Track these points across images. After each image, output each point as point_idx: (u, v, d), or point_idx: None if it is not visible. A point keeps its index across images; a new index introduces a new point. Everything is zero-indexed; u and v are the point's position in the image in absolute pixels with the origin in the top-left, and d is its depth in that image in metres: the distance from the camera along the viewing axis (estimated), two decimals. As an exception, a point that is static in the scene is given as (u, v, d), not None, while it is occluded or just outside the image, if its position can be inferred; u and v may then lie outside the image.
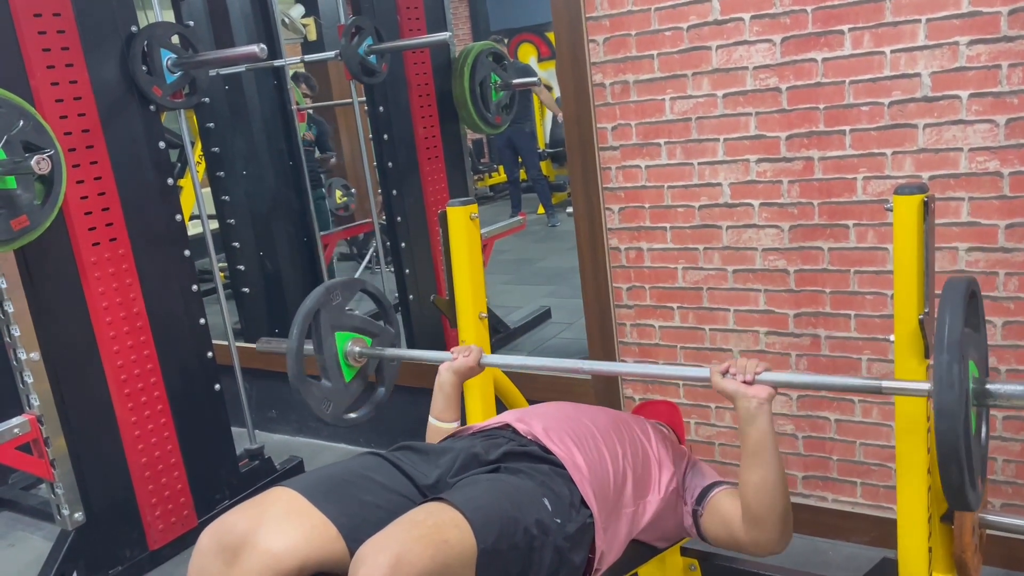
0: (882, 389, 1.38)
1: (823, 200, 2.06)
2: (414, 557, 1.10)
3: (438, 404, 1.80)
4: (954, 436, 1.18)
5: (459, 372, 1.79)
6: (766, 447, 1.42)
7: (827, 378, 1.58)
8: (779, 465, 1.45)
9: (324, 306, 1.90)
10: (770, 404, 1.42)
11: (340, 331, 1.94)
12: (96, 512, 2.40)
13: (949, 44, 1.84)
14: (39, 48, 2.21)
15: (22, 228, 2.04)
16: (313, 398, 1.87)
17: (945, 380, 1.18)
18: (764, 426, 1.42)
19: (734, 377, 1.44)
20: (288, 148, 3.90)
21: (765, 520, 1.46)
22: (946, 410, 1.18)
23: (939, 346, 1.20)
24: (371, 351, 1.96)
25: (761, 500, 1.44)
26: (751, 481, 1.45)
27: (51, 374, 2.28)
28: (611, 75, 2.26)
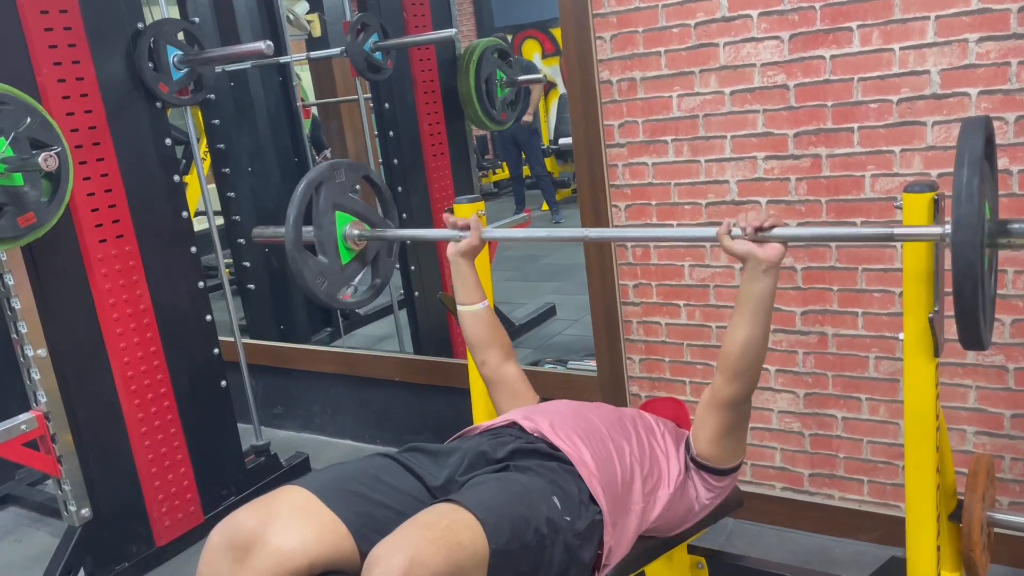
0: (894, 236, 1.35)
1: (831, 198, 2.05)
2: (428, 559, 1.10)
3: (458, 289, 1.81)
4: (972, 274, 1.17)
5: (465, 252, 1.80)
6: (765, 306, 1.42)
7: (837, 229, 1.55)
8: (769, 324, 1.44)
9: (327, 181, 1.88)
10: (779, 265, 1.41)
11: (341, 211, 1.92)
12: (103, 508, 2.41)
13: (958, 41, 1.83)
14: (45, 45, 2.21)
15: (29, 225, 2.04)
16: (309, 270, 1.84)
17: (964, 220, 1.16)
18: (770, 286, 1.41)
19: (743, 232, 1.41)
20: (293, 144, 3.90)
21: (746, 373, 1.46)
22: (965, 249, 1.17)
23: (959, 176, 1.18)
24: (371, 233, 1.94)
25: (748, 355, 1.44)
26: (741, 337, 1.43)
27: (58, 370, 2.29)
28: (618, 72, 2.25)
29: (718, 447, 1.56)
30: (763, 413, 2.29)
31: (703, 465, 1.59)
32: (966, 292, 1.20)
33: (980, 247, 1.18)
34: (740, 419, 1.54)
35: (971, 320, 1.23)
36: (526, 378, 1.80)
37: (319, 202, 1.87)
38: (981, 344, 1.27)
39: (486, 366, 1.80)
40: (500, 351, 1.79)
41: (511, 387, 1.78)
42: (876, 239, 1.45)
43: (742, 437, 1.59)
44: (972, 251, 1.18)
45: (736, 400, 1.49)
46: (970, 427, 2.03)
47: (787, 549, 2.26)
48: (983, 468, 1.70)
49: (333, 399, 3.39)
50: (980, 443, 2.03)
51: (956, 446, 2.03)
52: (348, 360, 3.34)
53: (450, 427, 1.73)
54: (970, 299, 1.20)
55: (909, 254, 1.39)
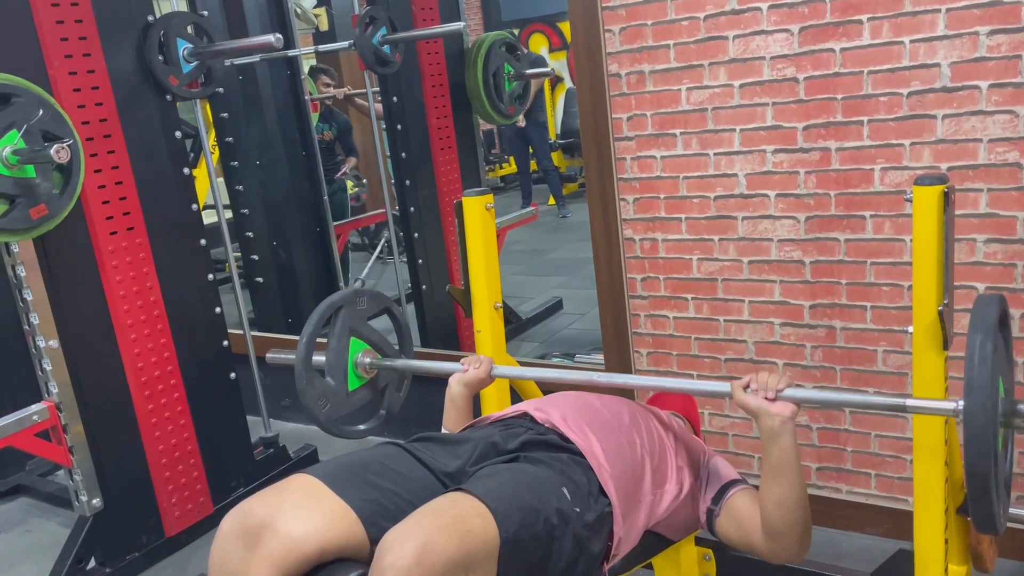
0: (906, 407, 1.36)
1: (840, 191, 2.05)
2: (439, 546, 1.11)
3: (450, 417, 1.77)
4: (985, 462, 1.16)
5: (470, 385, 1.77)
6: (789, 465, 1.41)
7: (850, 396, 1.57)
8: (801, 482, 1.43)
9: (348, 305, 1.89)
10: (793, 421, 1.40)
11: (356, 337, 1.92)
12: (113, 498, 2.42)
13: (969, 34, 1.83)
14: (57, 38, 2.22)
15: (41, 217, 2.05)
16: (314, 390, 1.82)
17: (977, 405, 1.16)
18: (787, 444, 1.40)
19: (755, 393, 1.42)
20: (302, 138, 3.91)
21: (785, 535, 1.45)
22: (978, 436, 1.16)
23: (969, 366, 1.18)
24: (382, 362, 1.93)
25: (782, 515, 1.44)
26: (772, 497, 1.44)
27: (69, 362, 2.30)
28: (627, 65, 2.25)
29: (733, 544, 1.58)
30: (771, 406, 2.29)
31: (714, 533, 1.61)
32: (978, 476, 1.17)
33: (994, 431, 1.17)
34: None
35: (984, 504, 1.20)
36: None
37: (336, 326, 1.87)
38: (996, 529, 1.24)
39: None
40: None
41: None
42: (889, 409, 1.43)
43: None
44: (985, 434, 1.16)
45: (772, 559, 1.49)
46: (978, 421, 2.03)
47: (794, 542, 2.27)
48: (991, 461, 1.70)
49: (341, 392, 3.39)
50: (988, 437, 2.03)
51: (964, 440, 2.03)
52: (356, 353, 3.35)
53: (459, 419, 1.74)
54: (983, 483, 1.17)
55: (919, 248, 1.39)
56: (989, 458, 1.16)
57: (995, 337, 1.22)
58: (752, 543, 1.51)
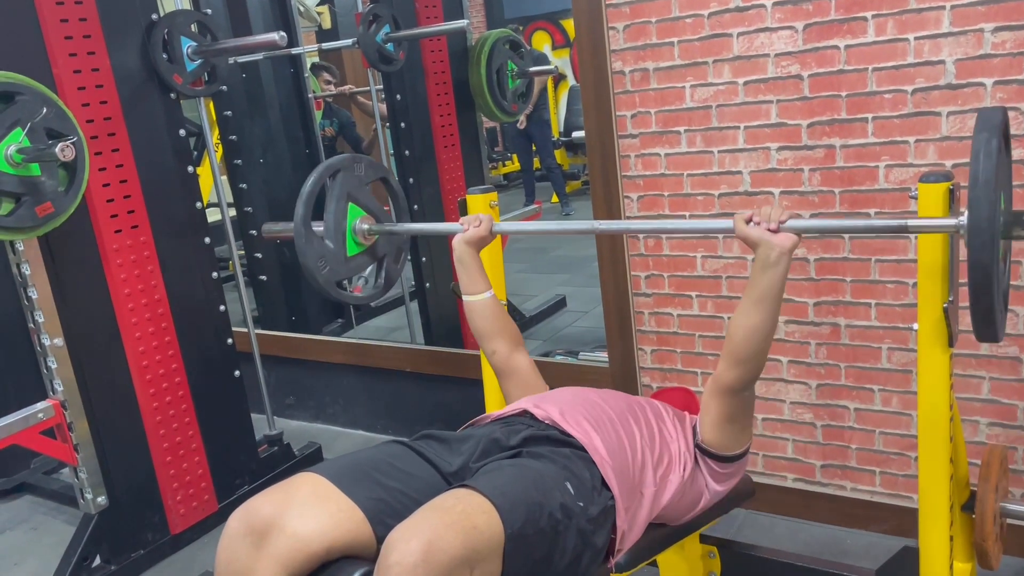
0: (908, 228, 1.35)
1: (844, 188, 2.05)
2: (445, 543, 1.12)
3: (464, 280, 1.80)
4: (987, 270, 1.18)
5: (473, 242, 1.79)
6: (775, 294, 1.43)
7: (850, 222, 1.56)
8: (777, 313, 1.45)
9: (346, 170, 1.87)
10: (791, 254, 1.42)
11: (354, 203, 1.91)
12: (118, 496, 2.43)
13: (974, 31, 1.83)
14: (61, 36, 2.22)
15: (46, 215, 2.06)
16: (313, 250, 1.82)
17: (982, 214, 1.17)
18: (779, 273, 1.42)
19: (758, 225, 1.43)
20: (305, 136, 3.91)
21: (751, 359, 1.46)
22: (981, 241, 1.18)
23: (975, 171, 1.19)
24: (380, 227, 1.93)
25: (753, 342, 1.44)
26: (748, 324, 1.44)
27: (74, 360, 2.31)
28: (631, 63, 2.25)
29: (722, 433, 1.57)
30: (775, 404, 2.29)
31: (708, 452, 1.59)
32: (981, 285, 1.20)
33: (995, 239, 1.18)
34: (743, 406, 1.55)
35: (986, 313, 1.23)
36: (536, 368, 1.81)
37: (335, 189, 1.86)
38: (996, 337, 1.27)
39: (496, 356, 1.80)
40: (509, 340, 1.79)
41: (522, 377, 1.78)
42: (890, 231, 1.45)
43: (747, 424, 1.59)
44: (987, 243, 1.18)
45: (738, 386, 1.50)
46: (983, 418, 2.03)
47: (799, 540, 2.27)
48: (996, 459, 1.70)
49: (345, 389, 3.40)
50: (993, 434, 2.03)
51: (969, 437, 2.03)
52: (359, 351, 3.36)
53: (461, 417, 1.74)
54: (985, 292, 1.20)
55: (924, 246, 1.39)
56: (991, 268, 1.18)
57: (999, 141, 1.22)
58: (715, 386, 1.53)
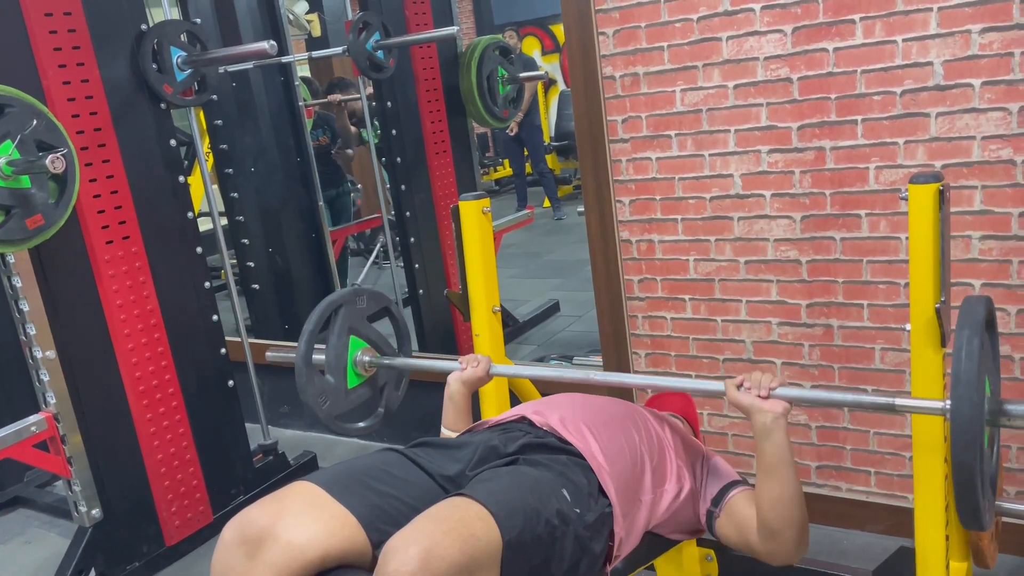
0: (895, 407, 1.37)
1: (835, 190, 2.06)
2: (443, 551, 1.11)
3: (449, 415, 1.79)
4: (971, 462, 1.18)
5: (468, 383, 1.79)
6: (783, 462, 1.42)
7: (841, 395, 1.59)
8: (796, 479, 1.44)
9: (348, 304, 1.90)
10: (785, 419, 1.42)
11: (356, 336, 1.93)
12: (113, 508, 2.42)
13: (961, 32, 1.84)
14: (50, 48, 2.22)
15: (37, 227, 2.05)
16: (314, 387, 1.84)
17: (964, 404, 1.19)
18: (780, 440, 1.41)
19: (748, 391, 1.43)
20: (297, 144, 3.91)
21: (781, 533, 1.45)
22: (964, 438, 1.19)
23: (956, 370, 1.21)
24: (380, 360, 1.95)
25: (778, 514, 1.44)
26: (767, 495, 1.44)
27: (67, 372, 2.30)
28: (621, 68, 2.26)
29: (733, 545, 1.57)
30: (769, 406, 2.30)
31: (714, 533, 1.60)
32: (965, 474, 1.20)
33: (980, 429, 1.19)
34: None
35: (973, 509, 1.23)
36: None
37: (336, 324, 1.89)
38: (982, 526, 1.27)
39: None
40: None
41: None
42: (878, 408, 1.45)
43: None
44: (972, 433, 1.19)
45: (770, 560, 1.49)
46: (977, 417, 2.03)
47: (795, 541, 2.27)
48: (991, 458, 1.70)
49: (339, 398, 3.39)
50: (987, 433, 2.04)
51: (963, 436, 2.03)
52: (354, 359, 3.34)
53: (459, 423, 1.74)
54: (969, 480, 1.20)
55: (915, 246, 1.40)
56: (975, 456, 1.19)
57: (981, 337, 1.23)
58: (750, 544, 1.51)
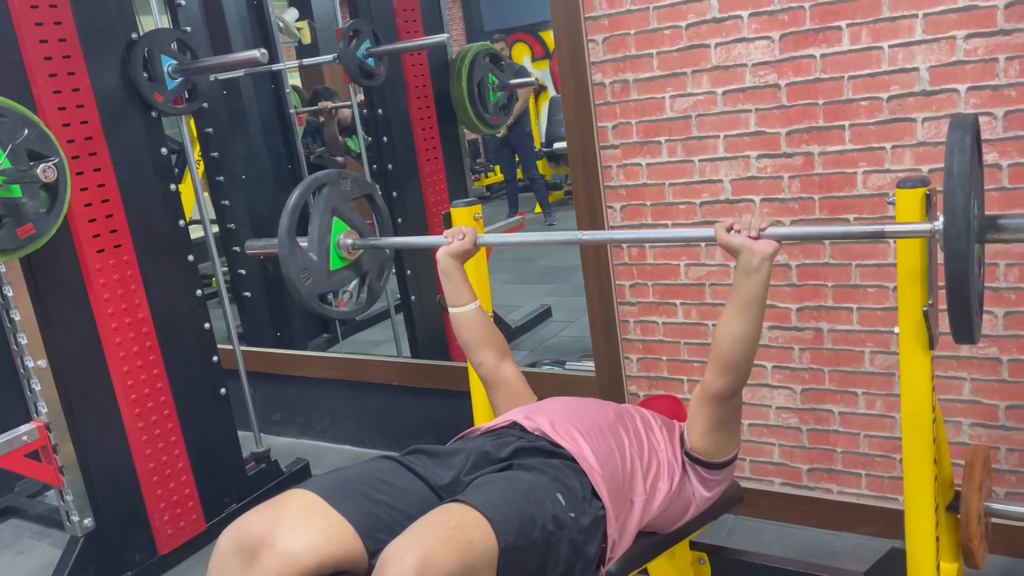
0: (885, 233, 1.38)
1: (824, 195, 2.08)
2: (440, 558, 1.12)
3: (449, 292, 1.80)
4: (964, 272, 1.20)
5: (457, 254, 1.79)
6: (758, 300, 1.44)
7: (829, 228, 1.58)
8: (762, 319, 1.46)
9: (332, 184, 1.87)
10: (772, 260, 1.43)
11: (339, 218, 1.91)
12: (105, 518, 2.41)
13: (946, 38, 1.86)
14: (41, 57, 2.22)
15: (28, 236, 2.05)
16: (296, 262, 1.81)
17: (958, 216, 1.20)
18: (762, 279, 1.43)
19: (739, 233, 1.45)
20: (287, 152, 3.91)
21: (738, 366, 1.47)
22: (957, 248, 1.20)
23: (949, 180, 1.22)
24: (365, 242, 1.93)
25: (740, 349, 1.46)
26: (733, 331, 1.45)
27: (58, 381, 2.29)
28: (611, 74, 2.27)
29: (710, 441, 1.58)
30: (761, 409, 2.31)
31: (697, 459, 1.60)
32: (957, 287, 1.23)
33: (970, 244, 1.21)
34: (731, 413, 1.56)
35: (963, 314, 1.26)
36: (524, 378, 1.81)
37: (320, 202, 1.87)
38: (972, 338, 1.30)
39: (483, 367, 1.80)
40: (496, 351, 1.79)
41: (510, 388, 1.79)
42: (867, 236, 1.48)
43: (735, 430, 1.60)
44: (963, 247, 1.21)
45: (726, 393, 1.51)
46: (966, 419, 2.05)
47: (787, 544, 2.28)
48: (979, 459, 1.72)
49: (332, 405, 3.39)
50: (976, 435, 2.06)
51: (952, 438, 2.05)
52: (346, 365, 3.35)
53: (450, 430, 1.74)
54: (962, 294, 1.23)
55: (903, 251, 1.41)
56: (968, 271, 1.21)
57: (971, 156, 1.24)
58: (703, 394, 1.54)
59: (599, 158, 2.35)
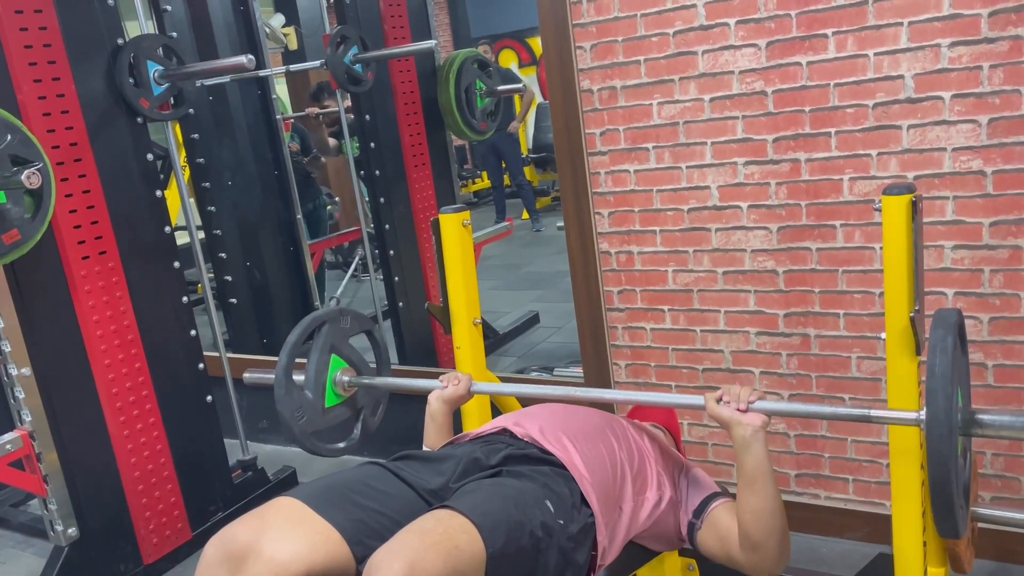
0: (871, 417, 1.40)
1: (810, 201, 2.09)
2: (428, 565, 1.11)
3: (431, 434, 1.79)
4: (946, 472, 1.22)
5: (449, 401, 1.79)
6: (762, 474, 1.43)
7: (817, 407, 1.61)
8: (776, 491, 1.45)
9: (331, 322, 1.89)
10: (764, 431, 1.43)
11: (337, 355, 1.92)
12: (90, 527, 2.39)
13: (931, 46, 1.88)
14: (25, 62, 2.20)
15: (13, 243, 2.03)
16: (291, 401, 1.82)
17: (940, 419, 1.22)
18: (759, 453, 1.43)
19: (728, 405, 1.45)
20: (274, 158, 3.89)
21: (763, 545, 1.46)
22: (939, 449, 1.22)
23: (931, 379, 1.23)
24: (360, 380, 1.93)
25: (759, 525, 1.45)
26: (748, 507, 1.45)
27: (42, 389, 2.27)
28: (599, 81, 2.28)
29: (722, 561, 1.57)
30: (749, 415, 2.31)
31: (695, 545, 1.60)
32: (941, 487, 1.23)
33: (954, 443, 1.22)
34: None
35: (947, 511, 1.26)
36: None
37: (319, 340, 1.87)
38: (957, 534, 1.30)
39: None
40: None
41: None
42: (854, 419, 1.47)
43: None
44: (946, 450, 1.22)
45: (753, 571, 1.49)
46: (951, 424, 2.06)
47: (775, 549, 2.28)
48: (966, 464, 1.73)
49: (319, 412, 3.37)
50: (961, 439, 2.06)
51: (938, 443, 2.06)
52: (333, 372, 3.33)
53: (440, 436, 1.74)
54: (945, 491, 1.23)
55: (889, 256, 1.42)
56: (949, 469, 1.21)
57: (954, 351, 1.26)
58: (732, 556, 1.52)
59: (587, 164, 2.35)
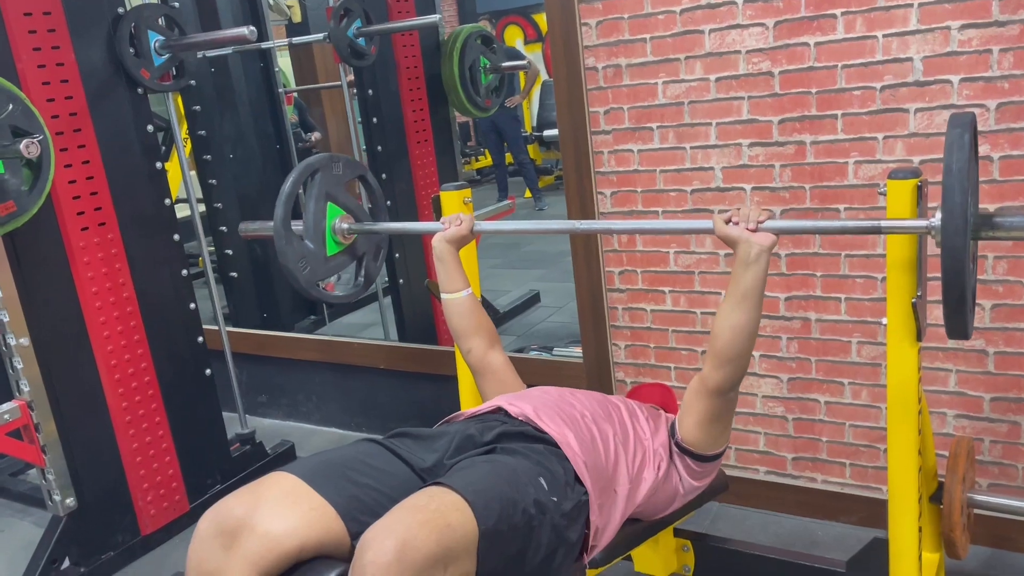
0: (881, 229, 1.38)
1: (815, 184, 2.07)
2: (419, 541, 1.11)
3: (443, 278, 1.79)
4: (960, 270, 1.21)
5: (453, 240, 1.79)
6: (756, 292, 1.44)
7: (825, 223, 1.59)
8: (760, 311, 1.47)
9: (324, 169, 1.87)
10: (770, 252, 1.44)
11: (333, 203, 1.91)
12: (87, 498, 2.39)
13: (941, 28, 1.85)
14: (25, 31, 2.18)
15: (9, 214, 2.02)
16: (293, 251, 1.82)
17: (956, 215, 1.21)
18: (760, 271, 1.43)
19: (737, 225, 1.45)
20: (276, 131, 3.87)
21: (736, 359, 1.47)
22: (954, 245, 1.21)
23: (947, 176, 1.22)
24: (359, 226, 1.93)
25: (738, 341, 1.46)
26: (733, 323, 1.45)
27: (41, 360, 2.27)
28: (603, 59, 2.25)
29: (703, 433, 1.58)
30: (747, 398, 2.31)
31: (687, 451, 1.60)
32: (953, 285, 1.23)
33: (967, 241, 1.21)
34: (727, 406, 1.56)
35: (958, 311, 1.26)
36: (512, 366, 1.81)
37: (313, 189, 1.86)
38: (966, 334, 1.30)
39: (472, 354, 1.79)
40: (485, 339, 1.79)
41: (498, 375, 1.78)
42: (863, 231, 1.47)
43: (728, 424, 1.60)
44: (960, 245, 1.21)
45: (724, 387, 1.51)
46: (951, 410, 2.06)
47: (771, 532, 2.29)
48: (963, 450, 1.73)
49: (318, 387, 3.38)
50: (960, 426, 2.06)
51: (937, 429, 2.06)
52: (332, 348, 3.33)
53: (436, 414, 1.73)
54: (958, 291, 1.23)
55: (893, 243, 1.41)
56: (964, 261, 1.21)
57: (970, 149, 1.24)
58: (701, 387, 1.53)
59: (590, 143, 2.33)
